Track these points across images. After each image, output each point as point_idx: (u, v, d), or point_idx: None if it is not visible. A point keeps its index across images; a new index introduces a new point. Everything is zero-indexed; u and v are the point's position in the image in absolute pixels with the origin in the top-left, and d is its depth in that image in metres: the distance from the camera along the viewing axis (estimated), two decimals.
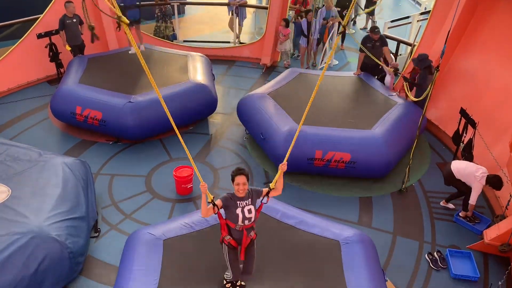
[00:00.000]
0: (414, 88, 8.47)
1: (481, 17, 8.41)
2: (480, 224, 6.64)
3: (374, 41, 9.14)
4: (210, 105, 8.89)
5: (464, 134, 7.39)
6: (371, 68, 9.36)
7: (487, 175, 6.33)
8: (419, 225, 6.74)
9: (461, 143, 7.50)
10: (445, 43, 6.57)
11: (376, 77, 9.39)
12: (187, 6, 15.01)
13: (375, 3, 13.62)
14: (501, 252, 5.88)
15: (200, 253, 5.21)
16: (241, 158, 8.11)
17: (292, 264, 5.13)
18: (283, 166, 4.49)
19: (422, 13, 13.03)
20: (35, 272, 5.05)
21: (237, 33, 12.68)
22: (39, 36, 9.85)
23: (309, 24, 10.94)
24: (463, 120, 7.35)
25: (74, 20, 9.68)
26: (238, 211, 4.36)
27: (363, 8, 13.68)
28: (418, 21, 12.07)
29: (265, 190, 4.54)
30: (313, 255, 5.24)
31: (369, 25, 13.96)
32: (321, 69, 11.41)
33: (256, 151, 8.22)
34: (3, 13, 11.37)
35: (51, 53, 10.03)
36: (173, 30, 12.78)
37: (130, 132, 8.01)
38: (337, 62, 12.03)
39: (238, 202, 4.37)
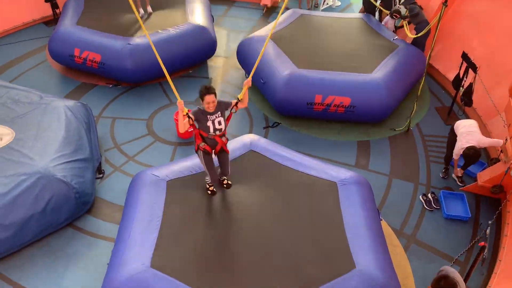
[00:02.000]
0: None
1: None
2: (475, 167, 6.80)
3: None
4: (209, 48, 8.77)
5: (465, 78, 7.37)
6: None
7: (468, 146, 6.04)
8: (415, 168, 6.91)
9: (461, 88, 7.50)
10: None
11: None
12: None
13: None
14: (493, 193, 6.07)
15: (202, 194, 5.39)
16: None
17: (290, 204, 5.31)
18: (247, 82, 4.92)
19: None
20: (43, 210, 5.27)
21: None
22: None
23: None
24: (464, 64, 7.31)
25: None
26: (209, 123, 4.80)
27: None
28: None
29: (233, 101, 4.94)
30: (311, 195, 5.41)
31: None
32: (323, 10, 11.14)
33: (256, 95, 8.23)
34: None
35: None
36: None
37: (129, 75, 7.98)
38: (339, 3, 11.71)
39: (208, 116, 4.79)
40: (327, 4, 11.42)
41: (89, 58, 7.98)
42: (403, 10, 8.63)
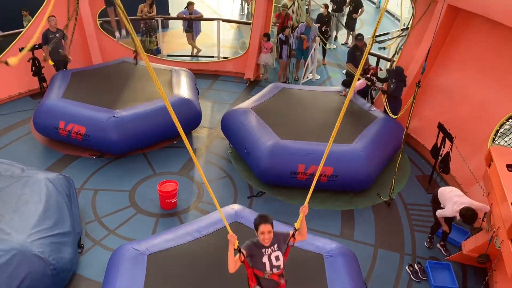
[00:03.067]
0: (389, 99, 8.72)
1: (457, 34, 8.72)
2: (458, 235, 6.82)
3: (362, 50, 9.48)
4: (194, 119, 8.96)
5: (442, 147, 7.61)
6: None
7: (464, 207, 5.90)
8: (400, 238, 6.89)
9: (439, 157, 7.71)
10: (425, 60, 6.81)
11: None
12: (171, 21, 15.12)
13: (355, 19, 13.96)
14: (479, 263, 6.04)
15: (184, 268, 5.24)
16: (225, 172, 8.18)
17: None
18: (304, 209, 4.17)
19: (401, 30, 13.38)
20: None
21: (196, 47, 13.01)
22: (22, 50, 9.79)
23: (287, 39, 11.16)
24: (441, 134, 7.57)
25: (57, 35, 9.68)
26: (265, 259, 4.06)
27: (343, 24, 13.98)
28: (397, 37, 12.38)
29: (290, 232, 4.24)
30: (297, 268, 5.29)
31: (350, 41, 14.28)
32: (303, 83, 11.60)
33: (240, 165, 8.30)
34: None
35: (33, 67, 9.99)
36: (157, 44, 12.86)
37: (114, 147, 8.02)
38: (318, 77, 12.25)
39: (264, 250, 4.07)
40: (307, 77, 11.93)
41: (74, 130, 8.04)
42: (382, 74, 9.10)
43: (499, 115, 7.25)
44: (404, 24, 14.94)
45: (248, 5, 17.25)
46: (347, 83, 8.86)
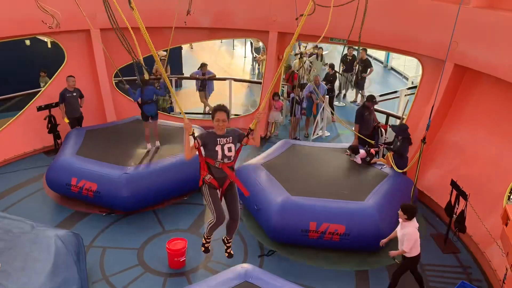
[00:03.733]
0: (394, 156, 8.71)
1: (466, 91, 8.84)
2: None
3: (371, 110, 9.65)
4: None
5: (456, 205, 7.46)
6: (367, 137, 9.67)
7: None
8: None
9: (454, 215, 7.54)
10: (429, 117, 6.88)
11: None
12: (184, 80, 15.61)
13: (364, 78, 14.29)
14: None
15: None
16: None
17: None
18: (259, 115, 4.58)
19: (409, 88, 13.64)
20: None
21: (209, 105, 13.33)
22: (39, 108, 10.13)
23: (298, 97, 11.41)
24: (455, 192, 7.46)
25: (74, 94, 10.01)
26: (218, 148, 4.40)
27: (352, 84, 14.31)
28: (405, 95, 12.59)
29: (245, 133, 4.62)
30: None
31: (359, 99, 14.53)
32: (313, 140, 11.68)
33: (251, 222, 8.19)
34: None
35: (49, 125, 10.25)
36: (171, 103, 13.20)
37: (124, 203, 8.01)
38: (328, 134, 12.35)
39: (218, 139, 4.41)
40: (317, 134, 12.03)
41: (86, 187, 8.08)
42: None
43: None
44: (412, 83, 15.29)
45: (258, 65, 17.81)
46: (353, 149, 8.88)
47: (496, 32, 7.62)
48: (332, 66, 13.65)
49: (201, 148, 4.42)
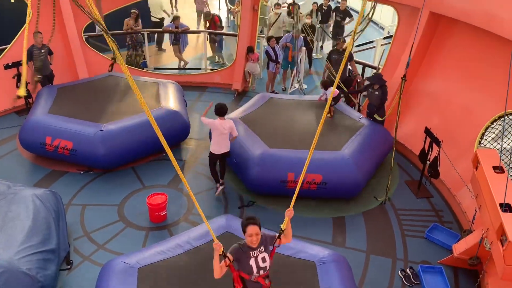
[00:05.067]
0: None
1: (440, 40, 8.86)
2: (449, 239, 6.85)
3: (340, 53, 9.71)
4: (182, 131, 8.94)
5: (430, 152, 7.67)
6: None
7: None
8: (391, 243, 6.89)
9: (427, 161, 7.77)
10: (409, 55, 6.92)
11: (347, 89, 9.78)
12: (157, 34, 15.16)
13: (343, 27, 14.08)
14: (470, 265, 6.06)
15: (175, 280, 5.17)
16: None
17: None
18: (289, 212, 4.19)
19: (385, 38, 13.58)
20: None
21: (184, 60, 13.13)
22: (7, 66, 9.74)
23: (273, 50, 11.24)
24: (428, 139, 7.64)
25: (43, 51, 9.62)
26: (252, 261, 4.01)
27: (330, 35, 14.13)
28: (381, 45, 12.56)
29: (276, 234, 4.26)
30: (290, 276, 5.27)
31: None
32: (291, 93, 11.66)
33: (230, 175, 8.26)
34: None
35: (18, 84, 9.89)
36: (144, 58, 12.86)
37: (101, 161, 7.95)
38: (306, 86, 12.33)
39: (251, 252, 4.01)
40: (294, 87, 11.99)
41: (61, 145, 7.95)
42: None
43: (484, 118, 7.35)
44: (388, 33, 15.21)
45: (233, 18, 17.38)
46: (325, 84, 8.99)
47: None
48: (311, 16, 13.35)
49: (234, 264, 4.02)
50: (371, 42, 13.14)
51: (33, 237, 5.58)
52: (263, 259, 4.06)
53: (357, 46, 12.56)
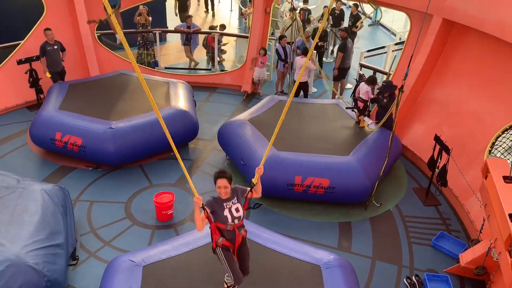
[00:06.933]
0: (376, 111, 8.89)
1: (452, 47, 8.81)
2: (456, 248, 6.79)
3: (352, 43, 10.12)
4: (191, 131, 8.96)
5: (439, 160, 7.62)
6: (346, 70, 11.26)
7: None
8: (398, 250, 6.85)
9: (436, 169, 7.72)
10: (408, 67, 6.89)
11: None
12: (168, 34, 15.25)
13: (354, 33, 14.04)
14: (477, 275, 6.01)
15: (180, 279, 5.18)
16: None
17: None
18: (259, 170, 4.59)
19: (397, 43, 13.51)
20: None
21: (194, 60, 13.15)
22: (20, 62, 9.84)
23: (284, 50, 11.23)
24: (438, 147, 7.59)
25: (55, 47, 9.72)
26: (226, 212, 4.39)
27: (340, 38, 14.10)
28: (393, 51, 12.51)
29: (248, 188, 4.65)
30: (295, 279, 5.27)
31: None
32: (300, 96, 11.62)
33: (237, 176, 8.25)
34: None
35: (31, 79, 10.00)
36: (155, 57, 12.93)
37: (110, 158, 7.99)
38: (315, 90, 12.31)
39: (224, 203, 4.40)
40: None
41: (70, 141, 8.02)
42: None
43: (494, 127, 7.28)
44: (400, 38, 15.15)
45: (245, 20, 17.41)
46: (372, 80, 9.01)
47: None
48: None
49: (210, 215, 4.42)
50: (383, 47, 13.09)
51: (41, 231, 5.62)
52: (237, 209, 4.45)
53: (368, 51, 12.51)
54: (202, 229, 4.46)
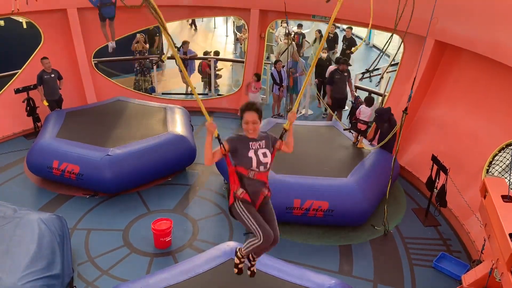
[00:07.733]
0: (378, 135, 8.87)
1: (446, 68, 8.92)
2: (459, 269, 6.72)
3: (341, 73, 10.40)
4: (189, 156, 8.96)
5: (437, 180, 7.62)
6: (338, 100, 10.81)
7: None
8: (399, 272, 6.77)
9: (435, 189, 7.71)
10: (411, 88, 6.95)
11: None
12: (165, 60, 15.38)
13: (349, 55, 14.21)
14: None
15: None
16: (220, 208, 8.10)
17: None
18: (292, 115, 3.81)
19: (391, 65, 13.66)
20: None
21: (191, 84, 13.15)
22: (17, 91, 9.89)
23: (279, 74, 11.35)
24: (435, 167, 7.60)
25: (52, 75, 9.80)
26: (251, 153, 3.58)
27: (335, 62, 14.27)
28: (387, 72, 12.63)
29: (279, 139, 3.92)
30: None
31: None
32: (296, 119, 11.69)
33: None
34: None
35: (28, 108, 10.03)
36: (152, 83, 13.03)
37: (108, 185, 7.96)
38: (312, 112, 12.38)
39: (251, 143, 3.62)
40: (300, 112, 12.05)
41: (68, 169, 7.99)
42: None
43: (491, 146, 7.32)
44: (394, 60, 15.31)
45: (241, 45, 17.64)
46: (370, 101, 9.15)
47: (475, 8, 7.66)
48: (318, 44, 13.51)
49: (229, 155, 3.62)
50: (377, 69, 13.22)
51: (37, 262, 5.54)
52: (264, 154, 3.65)
53: (363, 73, 12.63)
54: (210, 163, 3.66)
